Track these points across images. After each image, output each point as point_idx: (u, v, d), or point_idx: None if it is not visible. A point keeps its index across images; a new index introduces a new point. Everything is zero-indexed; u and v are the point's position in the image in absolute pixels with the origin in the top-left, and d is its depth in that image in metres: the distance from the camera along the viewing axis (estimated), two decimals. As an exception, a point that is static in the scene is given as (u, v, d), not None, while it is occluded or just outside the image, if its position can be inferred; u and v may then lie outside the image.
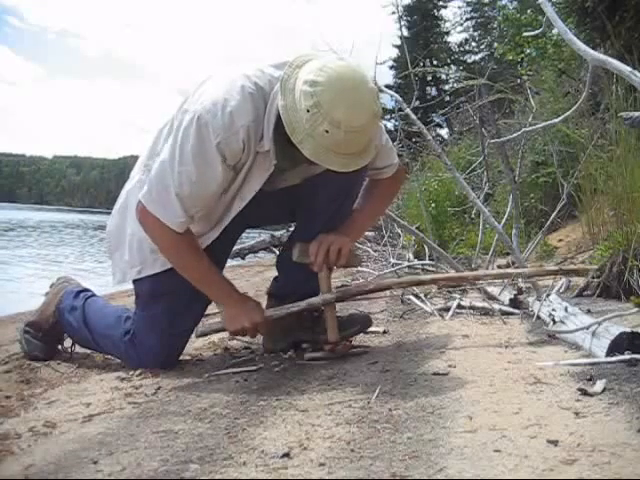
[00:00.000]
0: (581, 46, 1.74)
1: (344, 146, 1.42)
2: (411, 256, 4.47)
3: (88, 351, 1.93)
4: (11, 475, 0.99)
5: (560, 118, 2.27)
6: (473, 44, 29.00)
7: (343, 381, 1.45)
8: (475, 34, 28.73)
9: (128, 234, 1.73)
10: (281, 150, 1.54)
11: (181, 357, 1.81)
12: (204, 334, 1.79)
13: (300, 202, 1.77)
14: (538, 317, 2.00)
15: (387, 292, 3.12)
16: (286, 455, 0.99)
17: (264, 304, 1.84)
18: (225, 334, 2.21)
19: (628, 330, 1.43)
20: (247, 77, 1.52)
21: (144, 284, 1.73)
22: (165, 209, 1.54)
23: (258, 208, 1.63)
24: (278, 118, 1.48)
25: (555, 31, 5.49)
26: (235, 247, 2.02)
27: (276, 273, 1.93)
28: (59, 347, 1.93)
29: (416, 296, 2.65)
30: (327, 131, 1.39)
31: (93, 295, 1.95)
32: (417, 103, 4.20)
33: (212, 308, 1.92)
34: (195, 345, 2.00)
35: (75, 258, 7.97)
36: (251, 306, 1.67)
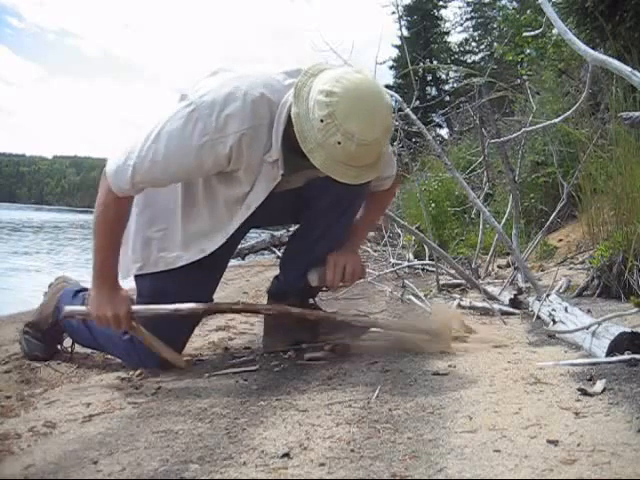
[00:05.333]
0: (581, 46, 1.74)
1: (354, 159, 1.41)
2: (411, 256, 4.48)
3: (88, 351, 1.94)
4: (11, 475, 0.99)
5: (560, 118, 2.28)
6: (473, 44, 28.99)
7: (343, 381, 1.45)
8: (475, 34, 28.72)
9: (132, 231, 1.73)
10: (286, 156, 1.53)
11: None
12: (69, 315, 1.75)
13: (303, 204, 1.76)
14: (538, 317, 2.00)
15: (387, 292, 3.12)
16: (286, 455, 0.99)
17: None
18: (224, 334, 2.22)
19: (628, 330, 1.44)
20: (254, 84, 1.50)
21: (145, 283, 1.74)
22: (116, 172, 1.53)
23: (261, 210, 1.62)
24: (285, 126, 1.48)
25: (555, 31, 5.49)
26: (235, 247, 2.01)
27: (276, 272, 1.93)
28: (59, 347, 1.93)
29: (416, 296, 2.65)
30: (339, 142, 1.37)
31: (93, 295, 1.94)
32: (417, 103, 4.20)
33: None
34: (195, 345, 2.00)
35: (79, 258, 7.95)
36: (119, 297, 1.63)
